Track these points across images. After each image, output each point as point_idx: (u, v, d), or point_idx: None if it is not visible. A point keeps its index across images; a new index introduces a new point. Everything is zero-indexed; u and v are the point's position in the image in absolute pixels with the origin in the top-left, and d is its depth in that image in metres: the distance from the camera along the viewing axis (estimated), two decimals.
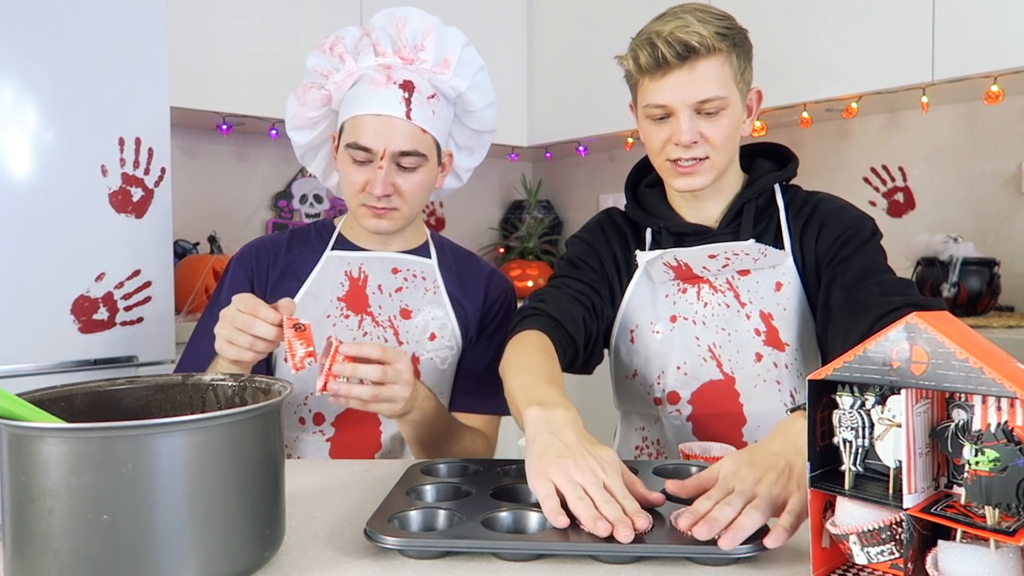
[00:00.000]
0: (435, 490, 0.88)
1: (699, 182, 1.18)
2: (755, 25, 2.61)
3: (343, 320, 1.28)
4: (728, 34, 1.14)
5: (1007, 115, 2.31)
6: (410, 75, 1.22)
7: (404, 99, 1.20)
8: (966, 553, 0.59)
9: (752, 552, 0.69)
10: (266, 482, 0.69)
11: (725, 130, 1.16)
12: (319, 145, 1.36)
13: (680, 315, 1.23)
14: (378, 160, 1.21)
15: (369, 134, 1.20)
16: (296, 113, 1.29)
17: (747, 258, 1.19)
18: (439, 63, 1.23)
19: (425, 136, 1.22)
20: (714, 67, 1.13)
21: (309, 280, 1.30)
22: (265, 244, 1.35)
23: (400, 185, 1.23)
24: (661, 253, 1.21)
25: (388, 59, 1.23)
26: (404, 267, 1.33)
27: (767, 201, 1.26)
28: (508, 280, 1.42)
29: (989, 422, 0.60)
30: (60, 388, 0.76)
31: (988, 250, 2.27)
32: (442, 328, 1.31)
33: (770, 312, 1.20)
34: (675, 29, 1.11)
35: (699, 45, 1.11)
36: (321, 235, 1.36)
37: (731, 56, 1.15)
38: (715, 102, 1.13)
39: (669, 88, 1.14)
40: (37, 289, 1.75)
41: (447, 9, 2.91)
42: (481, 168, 1.55)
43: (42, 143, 1.75)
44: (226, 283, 1.32)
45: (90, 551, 0.60)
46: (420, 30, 1.24)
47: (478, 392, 1.31)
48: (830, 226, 1.20)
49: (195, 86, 2.38)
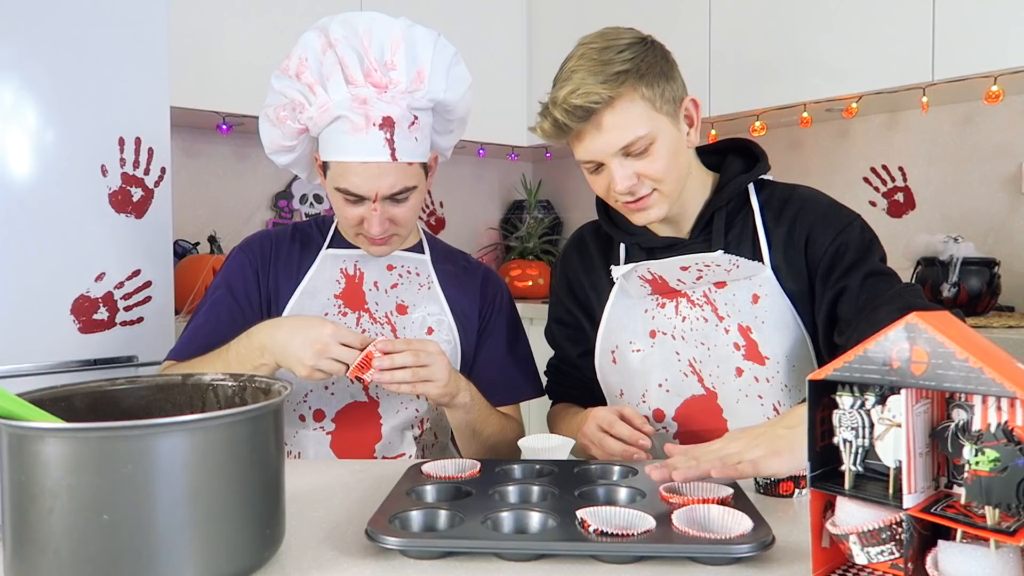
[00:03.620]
0: (436, 490, 0.88)
1: (655, 214, 1.16)
2: (755, 25, 2.62)
3: (341, 317, 1.29)
4: (630, 67, 1.08)
5: (1007, 115, 2.31)
6: (387, 107, 1.17)
7: (387, 140, 1.17)
8: (966, 553, 0.59)
9: (752, 552, 0.69)
10: (266, 482, 0.69)
11: (661, 161, 1.11)
12: (301, 161, 1.33)
13: (659, 330, 1.21)
14: (371, 203, 1.21)
15: (358, 180, 1.19)
16: (272, 139, 1.27)
17: (719, 269, 1.16)
18: (412, 79, 1.19)
19: (412, 168, 1.21)
20: (622, 112, 1.08)
21: (307, 278, 1.31)
22: (269, 235, 1.37)
23: (396, 215, 1.24)
24: (635, 266, 1.19)
25: (361, 89, 1.17)
26: (399, 264, 1.35)
27: (740, 203, 1.22)
28: (502, 280, 1.45)
29: (989, 422, 0.60)
30: (60, 388, 0.76)
31: (988, 250, 2.26)
32: (439, 323, 1.32)
33: (748, 325, 1.16)
34: (568, 95, 1.07)
35: (595, 104, 1.07)
36: (322, 230, 1.37)
37: (638, 89, 1.08)
38: (638, 143, 1.09)
39: (587, 146, 1.11)
40: (37, 289, 1.75)
41: (447, 10, 2.92)
42: (481, 168, 1.56)
43: (42, 143, 1.75)
44: (227, 268, 1.33)
45: (90, 551, 0.60)
46: (387, 43, 1.18)
47: (497, 386, 1.33)
48: (820, 232, 1.15)
49: (195, 86, 2.38)
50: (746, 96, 2.52)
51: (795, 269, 1.16)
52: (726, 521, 0.75)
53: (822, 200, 1.20)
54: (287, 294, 1.29)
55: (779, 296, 1.16)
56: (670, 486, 0.84)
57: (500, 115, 3.21)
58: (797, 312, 1.16)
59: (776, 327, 1.15)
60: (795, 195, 1.20)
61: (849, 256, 1.13)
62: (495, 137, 3.20)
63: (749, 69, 2.53)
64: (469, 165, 3.57)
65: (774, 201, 1.20)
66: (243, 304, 1.29)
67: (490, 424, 1.26)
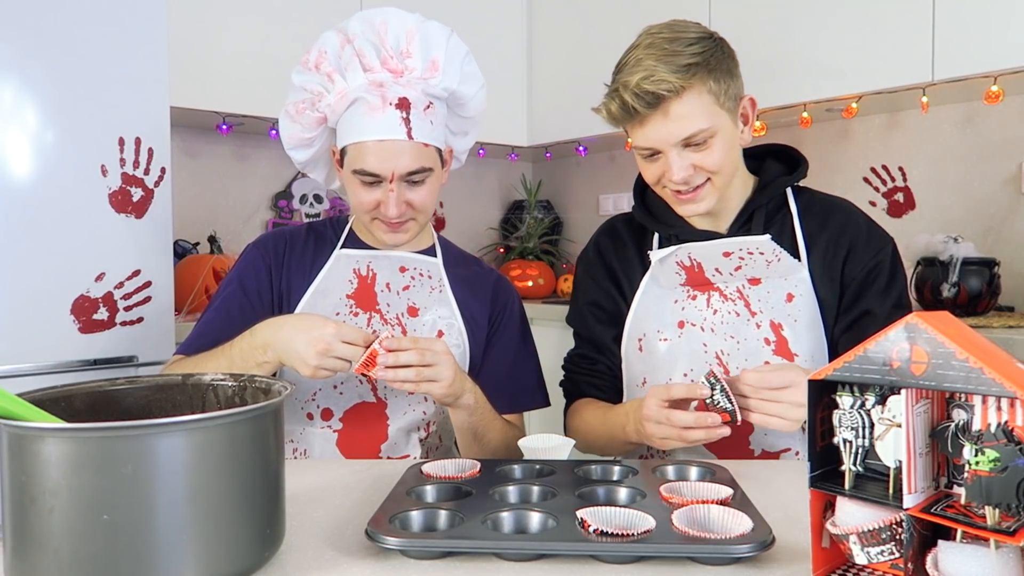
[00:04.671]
0: (436, 490, 0.88)
1: (703, 206, 1.19)
2: (755, 25, 2.62)
3: (352, 318, 1.29)
4: (700, 60, 1.11)
5: (1007, 115, 2.31)
6: (403, 90, 1.21)
7: (403, 119, 1.20)
8: (966, 553, 0.59)
9: (752, 552, 0.69)
10: (266, 482, 0.69)
11: (718, 155, 1.14)
12: (318, 158, 1.36)
13: (688, 321, 1.23)
14: (387, 183, 1.22)
15: (374, 160, 1.20)
16: (292, 134, 1.30)
17: (760, 259, 1.18)
18: (427, 67, 1.23)
19: (428, 149, 1.23)
20: (689, 103, 1.11)
21: (319, 278, 1.31)
22: (284, 233, 1.38)
23: (412, 199, 1.25)
24: (675, 249, 1.21)
25: (378, 74, 1.22)
26: (411, 266, 1.35)
27: (778, 205, 1.25)
28: (514, 288, 1.45)
29: (989, 422, 0.60)
30: (60, 388, 0.76)
31: (988, 250, 2.26)
32: (449, 327, 1.32)
33: (780, 322, 1.19)
34: (640, 80, 1.10)
35: (667, 92, 1.09)
36: (336, 230, 1.38)
37: (707, 83, 1.12)
38: (700, 135, 1.12)
39: (649, 133, 1.14)
40: (37, 289, 1.75)
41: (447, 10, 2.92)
42: (481, 168, 1.57)
43: (42, 143, 1.75)
44: (241, 264, 1.34)
45: (90, 551, 0.60)
46: (403, 34, 1.22)
47: (503, 393, 1.32)
48: (862, 248, 1.19)
49: (195, 86, 2.38)
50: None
51: (830, 277, 1.19)
52: (726, 521, 0.75)
53: (863, 216, 1.24)
54: (299, 292, 1.30)
55: (811, 299, 1.19)
56: (670, 486, 0.85)
57: (500, 115, 3.21)
58: (823, 317, 1.18)
59: (807, 327, 1.18)
60: (839, 206, 1.24)
61: (882, 280, 1.17)
62: (495, 137, 3.20)
63: (749, 69, 2.52)
64: (469, 165, 3.55)
65: (815, 208, 1.23)
66: (255, 301, 1.30)
67: (492, 429, 1.25)
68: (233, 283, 1.32)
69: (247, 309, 1.28)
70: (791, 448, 1.19)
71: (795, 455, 1.19)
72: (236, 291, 1.30)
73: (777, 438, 1.19)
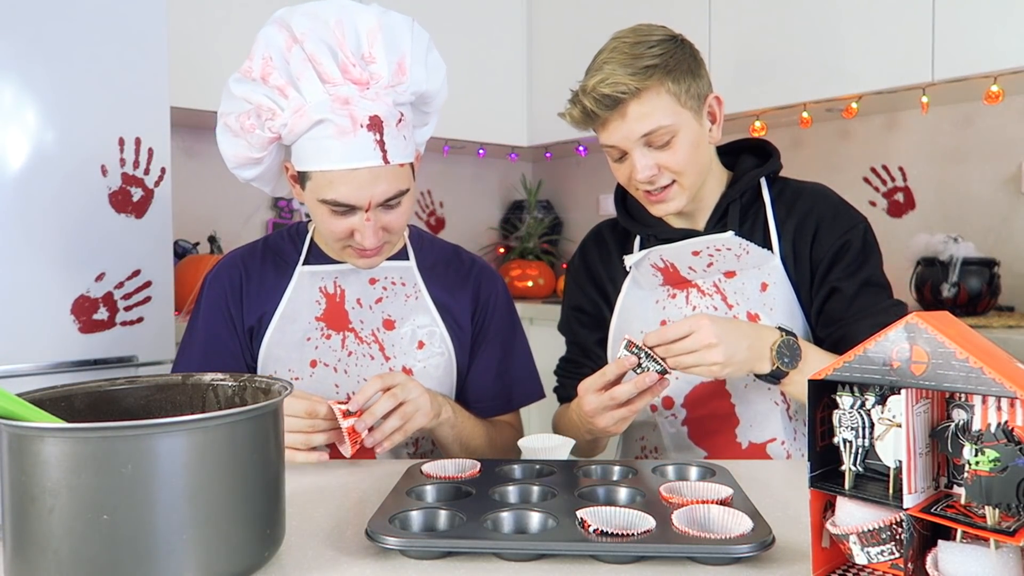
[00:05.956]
0: (436, 490, 0.87)
1: (673, 206, 1.20)
2: (755, 25, 2.62)
3: (325, 341, 1.21)
4: (659, 62, 1.13)
5: (1007, 115, 2.31)
6: (372, 104, 1.06)
7: (377, 142, 1.06)
8: (966, 553, 0.59)
9: (752, 552, 0.69)
10: (266, 482, 0.69)
11: (682, 154, 1.16)
12: (268, 172, 1.22)
13: (670, 319, 1.24)
14: (363, 212, 1.10)
15: (348, 190, 1.07)
16: (236, 152, 1.15)
17: (729, 254, 1.19)
18: (394, 71, 1.08)
19: (403, 169, 1.11)
20: (648, 103, 1.13)
21: (283, 302, 1.22)
22: (237, 261, 1.27)
23: (390, 223, 1.14)
24: (646, 253, 1.23)
25: (340, 88, 1.06)
26: (382, 275, 1.25)
27: (752, 197, 1.26)
28: (497, 275, 1.35)
29: (989, 422, 0.60)
30: (60, 388, 0.76)
31: (988, 250, 2.26)
32: (430, 335, 1.24)
33: (757, 312, 1.20)
34: (597, 84, 1.12)
35: (622, 94, 1.12)
36: (295, 243, 1.28)
37: (665, 83, 1.13)
38: (660, 133, 1.14)
39: (611, 133, 1.16)
40: (37, 289, 1.75)
41: (447, 10, 2.92)
42: (481, 168, 1.56)
43: (42, 143, 1.75)
44: (203, 305, 1.26)
45: (90, 551, 0.60)
46: (364, 33, 1.06)
47: (495, 396, 1.29)
48: (827, 230, 1.20)
49: (195, 86, 2.38)
50: (746, 96, 2.52)
51: (800, 260, 1.20)
52: (726, 521, 0.75)
53: (833, 197, 1.25)
54: (267, 320, 1.22)
55: (786, 285, 1.20)
56: (670, 486, 0.85)
57: (500, 115, 3.21)
58: (800, 301, 1.20)
59: (783, 314, 1.19)
60: (807, 190, 1.25)
61: (850, 257, 1.18)
62: (495, 137, 3.20)
63: (749, 69, 2.53)
64: (469, 165, 3.57)
65: (786, 194, 1.25)
66: (219, 346, 1.23)
67: (477, 435, 1.21)
68: (198, 325, 1.24)
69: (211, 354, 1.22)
70: (776, 438, 1.20)
71: (781, 444, 1.20)
72: (200, 336, 1.23)
73: (761, 428, 1.21)
